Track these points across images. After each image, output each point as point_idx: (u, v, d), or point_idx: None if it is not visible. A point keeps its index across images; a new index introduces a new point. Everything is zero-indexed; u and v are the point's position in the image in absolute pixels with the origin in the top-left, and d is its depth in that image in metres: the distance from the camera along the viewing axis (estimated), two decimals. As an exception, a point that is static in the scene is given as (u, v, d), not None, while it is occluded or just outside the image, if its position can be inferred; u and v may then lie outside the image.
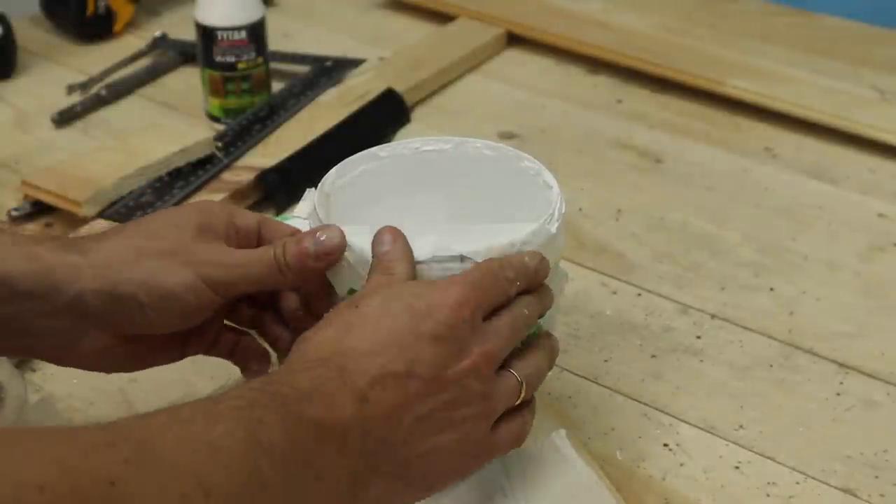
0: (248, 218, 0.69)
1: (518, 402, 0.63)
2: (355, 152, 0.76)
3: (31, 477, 0.46)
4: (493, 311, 0.62)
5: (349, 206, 0.71)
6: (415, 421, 0.58)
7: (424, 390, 0.58)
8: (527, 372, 0.63)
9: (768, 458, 0.74)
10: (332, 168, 0.74)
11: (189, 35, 1.12)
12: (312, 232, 0.65)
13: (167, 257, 0.64)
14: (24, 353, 0.68)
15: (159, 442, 0.51)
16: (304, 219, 0.71)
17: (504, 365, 0.62)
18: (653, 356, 0.82)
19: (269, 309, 0.71)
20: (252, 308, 0.71)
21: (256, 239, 0.68)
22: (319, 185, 0.73)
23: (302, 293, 0.69)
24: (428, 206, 0.75)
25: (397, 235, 0.63)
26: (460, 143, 0.75)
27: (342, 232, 0.65)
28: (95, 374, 0.80)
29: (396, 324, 0.59)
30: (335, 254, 0.65)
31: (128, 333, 0.66)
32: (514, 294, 0.63)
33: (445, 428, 0.59)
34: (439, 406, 0.59)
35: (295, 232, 0.68)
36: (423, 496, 0.61)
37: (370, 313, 0.60)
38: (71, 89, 1.16)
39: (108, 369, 0.69)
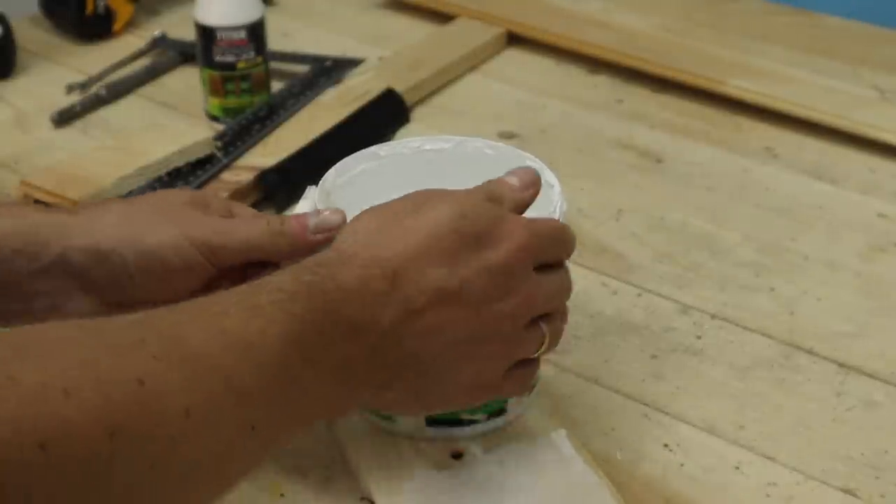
0: (244, 210, 0.70)
1: (536, 355, 0.65)
2: (355, 152, 0.76)
3: (56, 379, 0.45)
4: (542, 267, 0.64)
5: (349, 205, 0.71)
6: (448, 344, 0.60)
7: (465, 317, 0.59)
8: (552, 328, 0.65)
9: (768, 458, 0.74)
10: (331, 167, 0.74)
11: (188, 35, 1.12)
12: (317, 211, 0.66)
13: (154, 217, 0.65)
14: (15, 319, 0.67)
15: (190, 336, 0.50)
16: None
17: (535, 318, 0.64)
18: (653, 356, 0.82)
19: None
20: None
21: None
22: (320, 183, 0.73)
23: None
24: None
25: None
26: (460, 142, 0.75)
27: (345, 215, 0.66)
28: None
29: (458, 245, 0.60)
30: (334, 230, 0.65)
31: (115, 299, 0.65)
32: (563, 259, 0.66)
33: (471, 358, 0.61)
34: (474, 337, 0.60)
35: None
36: (424, 412, 0.66)
37: (435, 224, 0.60)
38: (70, 89, 1.16)
39: None
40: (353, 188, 0.74)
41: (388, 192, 0.74)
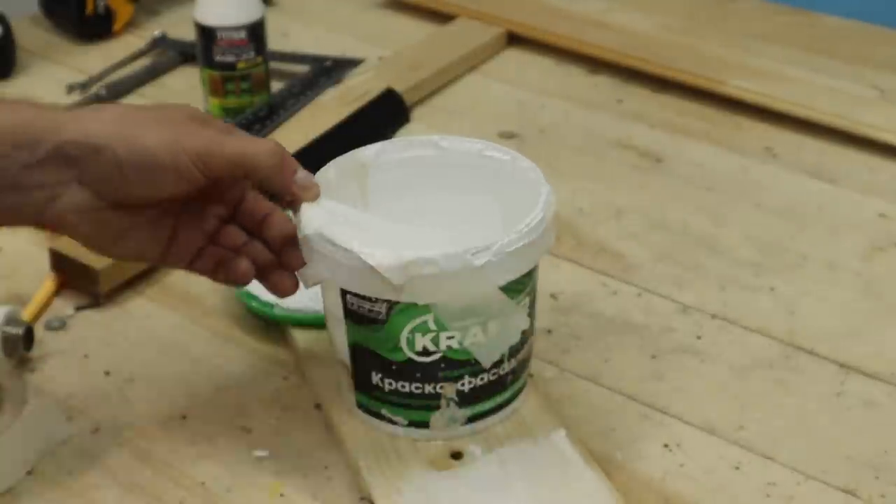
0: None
1: None
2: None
3: None
4: None
5: (384, 190, 0.73)
6: None
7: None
8: None
9: (768, 458, 0.74)
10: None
11: (188, 35, 1.12)
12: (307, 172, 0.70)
13: (149, 121, 0.66)
14: (13, 215, 0.67)
15: None
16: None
17: None
18: (653, 356, 0.82)
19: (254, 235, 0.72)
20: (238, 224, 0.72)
21: None
22: (354, 154, 0.75)
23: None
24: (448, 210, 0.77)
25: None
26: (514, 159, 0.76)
27: (318, 194, 0.70)
28: (95, 375, 0.80)
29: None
30: (303, 197, 0.69)
31: (111, 196, 0.66)
32: None
33: None
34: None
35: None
36: None
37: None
38: (70, 89, 1.16)
39: (91, 238, 0.69)
40: (393, 172, 0.75)
41: (426, 186, 0.76)
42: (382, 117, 1.10)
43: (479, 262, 0.66)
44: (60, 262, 0.88)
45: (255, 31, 1.06)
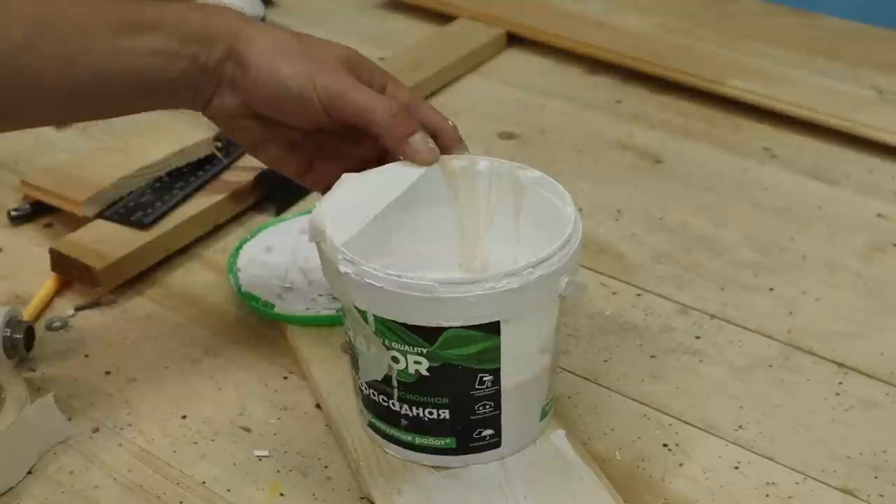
0: (400, 91, 0.75)
1: None
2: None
3: None
4: None
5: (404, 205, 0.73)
6: None
7: None
8: None
9: (768, 458, 0.74)
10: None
11: (189, 35, 1.12)
12: (426, 134, 0.73)
13: (303, 52, 0.72)
14: (183, 101, 0.75)
15: None
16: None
17: None
18: (652, 356, 0.82)
19: None
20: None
21: None
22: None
23: None
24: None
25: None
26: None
27: (436, 155, 0.73)
28: (94, 376, 0.81)
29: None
30: (423, 161, 0.72)
31: (252, 108, 0.73)
32: None
33: None
34: None
35: (443, 127, 0.74)
36: None
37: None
38: (71, 89, 1.16)
39: (235, 138, 0.77)
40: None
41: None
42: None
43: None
44: (61, 262, 0.88)
45: (256, 32, 1.05)
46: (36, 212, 0.97)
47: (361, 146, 0.76)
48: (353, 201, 0.71)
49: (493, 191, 0.75)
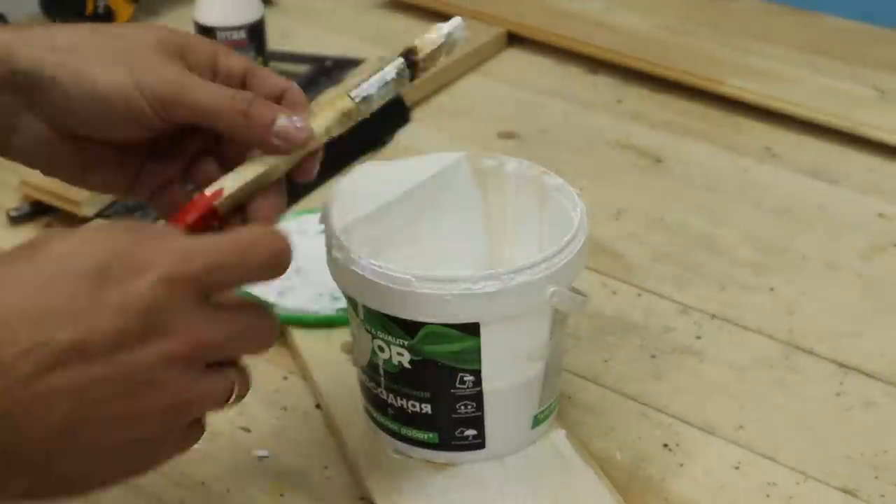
0: (233, 60, 0.63)
1: (225, 407, 0.53)
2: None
3: None
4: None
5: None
6: (76, 409, 0.47)
7: (95, 374, 0.47)
8: (240, 374, 0.53)
9: (768, 458, 0.74)
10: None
11: (189, 35, 1.12)
12: (290, 115, 0.61)
13: (105, 56, 0.59)
14: None
15: None
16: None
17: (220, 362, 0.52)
18: (652, 356, 0.82)
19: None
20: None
21: (241, 86, 0.62)
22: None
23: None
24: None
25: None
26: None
27: (311, 134, 0.61)
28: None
29: (74, 285, 0.48)
30: (294, 144, 0.61)
31: (64, 130, 0.60)
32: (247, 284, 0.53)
33: (117, 424, 0.49)
34: (116, 395, 0.48)
35: (286, 89, 0.63)
36: (82, 496, 0.50)
37: (43, 264, 0.48)
38: (70, 89, 1.16)
39: (50, 168, 0.63)
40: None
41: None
42: (383, 117, 1.10)
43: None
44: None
45: (255, 31, 1.06)
46: (36, 212, 0.97)
47: (200, 138, 0.63)
48: (366, 189, 0.72)
49: (520, 193, 0.75)
